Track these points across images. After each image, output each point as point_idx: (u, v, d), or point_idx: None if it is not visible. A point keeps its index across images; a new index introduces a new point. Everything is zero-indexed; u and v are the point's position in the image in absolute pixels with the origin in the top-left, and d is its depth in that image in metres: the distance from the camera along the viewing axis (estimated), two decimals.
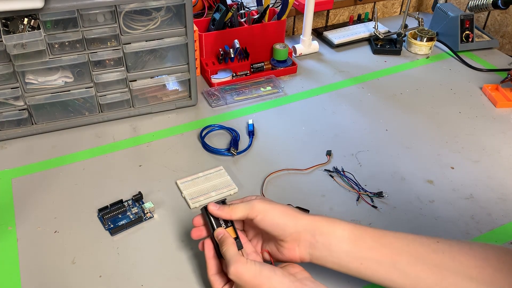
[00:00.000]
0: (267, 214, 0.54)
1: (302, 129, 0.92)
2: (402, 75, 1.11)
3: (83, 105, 0.89)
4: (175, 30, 0.85)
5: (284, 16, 1.08)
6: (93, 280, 0.62)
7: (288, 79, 1.08)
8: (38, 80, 0.82)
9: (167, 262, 0.64)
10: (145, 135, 0.89)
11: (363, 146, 0.87)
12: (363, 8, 1.36)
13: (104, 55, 0.83)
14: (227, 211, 0.56)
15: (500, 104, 0.99)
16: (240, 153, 0.84)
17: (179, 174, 0.79)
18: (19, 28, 0.74)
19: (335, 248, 0.53)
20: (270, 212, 0.55)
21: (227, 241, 0.54)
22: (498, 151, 0.87)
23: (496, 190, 0.78)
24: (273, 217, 0.54)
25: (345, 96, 1.02)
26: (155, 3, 0.80)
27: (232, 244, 0.54)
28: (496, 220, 0.72)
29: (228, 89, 1.02)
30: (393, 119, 0.95)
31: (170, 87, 0.94)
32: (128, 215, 0.70)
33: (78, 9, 0.76)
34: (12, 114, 0.84)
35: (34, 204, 0.73)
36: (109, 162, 0.82)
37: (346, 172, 0.80)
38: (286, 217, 0.55)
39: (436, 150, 0.87)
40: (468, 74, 1.12)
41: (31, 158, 0.82)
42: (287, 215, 0.55)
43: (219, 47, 1.04)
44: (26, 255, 0.65)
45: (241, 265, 0.51)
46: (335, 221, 0.55)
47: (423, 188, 0.78)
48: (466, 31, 1.19)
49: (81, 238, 0.68)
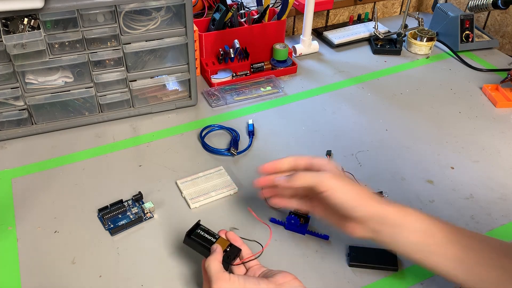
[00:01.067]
0: (336, 192, 0.52)
1: (302, 129, 0.92)
2: (402, 75, 1.11)
3: (83, 105, 0.89)
4: (175, 30, 0.85)
5: (284, 16, 1.08)
6: (93, 280, 0.62)
7: (288, 79, 1.08)
8: (38, 80, 0.82)
9: (167, 262, 0.64)
10: (145, 135, 0.89)
11: (363, 146, 0.87)
12: (363, 8, 1.36)
13: (104, 55, 0.83)
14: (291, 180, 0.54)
15: (500, 104, 0.99)
16: (240, 153, 0.84)
17: (179, 174, 0.79)
18: (19, 28, 0.74)
19: (402, 239, 0.52)
20: (340, 191, 0.52)
21: (211, 257, 0.53)
22: (498, 151, 0.87)
23: (496, 190, 0.78)
24: (342, 197, 0.52)
25: (345, 96, 1.02)
26: (155, 3, 0.80)
27: (215, 260, 0.53)
28: (496, 220, 0.72)
29: (228, 89, 1.02)
30: (393, 119, 0.95)
31: (170, 87, 0.94)
32: (128, 215, 0.70)
33: (78, 9, 0.76)
34: (12, 114, 0.84)
35: (34, 204, 0.73)
36: (109, 162, 0.82)
37: (346, 172, 0.80)
38: (356, 200, 0.53)
39: (436, 150, 0.87)
40: (468, 74, 1.12)
41: (31, 158, 0.82)
42: (357, 198, 0.53)
43: (219, 47, 1.04)
44: (26, 255, 0.65)
45: (224, 283, 0.50)
46: (406, 213, 0.53)
47: (423, 188, 0.78)
48: (466, 31, 1.19)
49: (81, 238, 0.68)
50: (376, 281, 0.62)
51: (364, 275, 0.63)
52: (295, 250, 0.66)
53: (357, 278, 0.63)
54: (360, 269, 0.63)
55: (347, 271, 0.63)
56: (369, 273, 0.63)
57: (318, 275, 0.63)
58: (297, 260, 0.65)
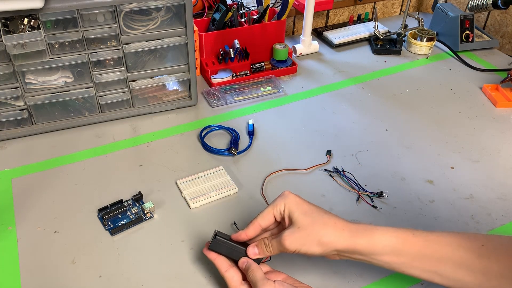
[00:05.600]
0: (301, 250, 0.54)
1: (302, 129, 0.92)
2: (402, 75, 1.11)
3: (83, 105, 0.89)
4: (175, 30, 0.85)
5: (284, 16, 1.08)
6: (93, 280, 0.62)
7: (288, 79, 1.08)
8: (38, 80, 0.82)
9: (167, 262, 0.64)
10: (145, 135, 0.89)
11: (363, 146, 0.87)
12: (363, 8, 1.36)
13: (104, 55, 0.83)
14: (267, 254, 0.56)
15: (500, 104, 0.99)
16: (240, 153, 0.84)
17: (179, 174, 0.79)
18: (19, 28, 0.74)
19: (376, 259, 0.53)
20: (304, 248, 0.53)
21: (252, 267, 0.55)
22: (498, 151, 0.87)
23: (496, 190, 0.78)
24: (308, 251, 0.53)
25: (345, 96, 1.02)
26: (155, 3, 0.80)
27: (258, 269, 0.55)
28: (496, 220, 0.72)
29: (228, 89, 1.02)
30: (393, 119, 0.95)
31: (170, 87, 0.94)
32: (128, 215, 0.70)
33: (78, 9, 0.76)
34: (12, 114, 0.84)
35: (34, 204, 0.73)
36: (109, 162, 0.82)
37: (346, 172, 0.80)
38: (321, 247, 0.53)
39: (436, 150, 0.87)
40: (468, 74, 1.12)
41: (31, 158, 0.82)
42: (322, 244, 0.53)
43: (219, 47, 1.04)
44: (26, 255, 0.65)
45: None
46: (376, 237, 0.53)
47: (423, 188, 0.78)
48: (466, 31, 1.19)
49: (81, 238, 0.68)
50: (376, 281, 0.62)
51: (364, 275, 0.63)
52: None
53: (357, 278, 0.63)
54: (360, 269, 0.63)
55: (347, 271, 0.63)
56: (369, 273, 0.63)
57: (318, 275, 0.63)
58: (297, 260, 0.65)
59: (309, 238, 0.53)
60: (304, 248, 0.53)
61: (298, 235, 0.54)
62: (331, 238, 0.53)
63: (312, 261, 0.64)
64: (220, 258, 0.57)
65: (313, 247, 0.53)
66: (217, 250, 0.57)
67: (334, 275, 0.63)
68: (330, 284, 0.62)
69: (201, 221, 0.71)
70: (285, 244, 0.54)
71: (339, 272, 0.63)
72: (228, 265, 0.56)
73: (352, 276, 0.63)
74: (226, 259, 0.57)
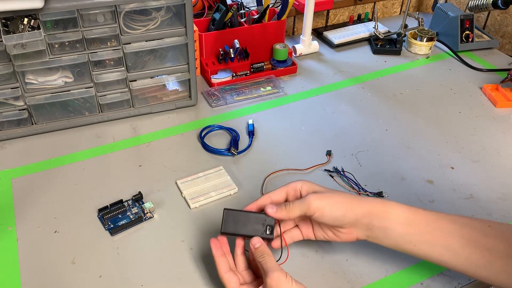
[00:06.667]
0: (325, 210, 0.56)
1: (302, 129, 0.92)
2: (402, 75, 1.11)
3: (83, 105, 0.89)
4: (175, 30, 0.85)
5: (284, 16, 1.08)
6: (93, 280, 0.62)
7: (288, 79, 1.08)
8: (38, 80, 0.82)
9: (167, 262, 0.64)
10: (145, 135, 0.89)
11: (363, 146, 0.87)
12: (363, 8, 1.36)
13: (104, 55, 0.83)
14: (284, 213, 0.57)
15: (500, 104, 0.99)
16: (240, 153, 0.84)
17: (179, 174, 0.79)
18: (19, 28, 0.74)
19: (390, 231, 0.56)
20: (328, 207, 0.56)
21: (266, 251, 0.55)
22: (498, 151, 0.87)
23: (496, 190, 0.78)
24: (331, 212, 0.56)
25: (345, 96, 1.02)
26: (155, 3, 0.80)
27: (272, 256, 0.55)
28: (496, 220, 0.72)
29: (228, 89, 1.02)
30: (393, 119, 0.95)
31: (170, 87, 0.94)
32: (128, 215, 0.70)
33: (78, 9, 0.76)
34: (12, 114, 0.84)
35: (34, 204, 0.73)
36: (109, 162, 0.82)
37: (346, 172, 0.80)
38: (343, 209, 0.56)
39: (436, 150, 0.87)
40: (468, 74, 1.12)
41: (31, 158, 0.82)
42: (344, 206, 0.56)
43: (219, 47, 1.04)
44: (26, 255, 0.65)
45: (282, 276, 0.52)
46: (390, 206, 0.56)
47: (423, 188, 0.78)
48: (466, 31, 1.19)
49: (81, 238, 0.68)
50: (376, 281, 0.62)
51: (364, 275, 0.63)
52: (295, 250, 0.66)
53: (357, 278, 0.63)
54: (360, 269, 0.63)
55: (347, 271, 0.63)
56: (369, 273, 0.63)
57: (318, 275, 0.63)
58: (297, 260, 0.65)
59: (332, 200, 0.56)
60: (328, 208, 0.55)
61: (322, 195, 0.56)
62: (351, 200, 0.56)
63: (312, 261, 0.65)
64: (223, 258, 0.56)
65: (335, 208, 0.55)
66: (229, 230, 0.57)
67: (334, 275, 0.63)
68: (330, 284, 0.62)
69: (201, 221, 0.71)
70: (310, 200, 0.55)
71: (339, 272, 0.63)
72: (228, 267, 0.56)
73: (352, 276, 0.63)
74: (228, 261, 0.56)
